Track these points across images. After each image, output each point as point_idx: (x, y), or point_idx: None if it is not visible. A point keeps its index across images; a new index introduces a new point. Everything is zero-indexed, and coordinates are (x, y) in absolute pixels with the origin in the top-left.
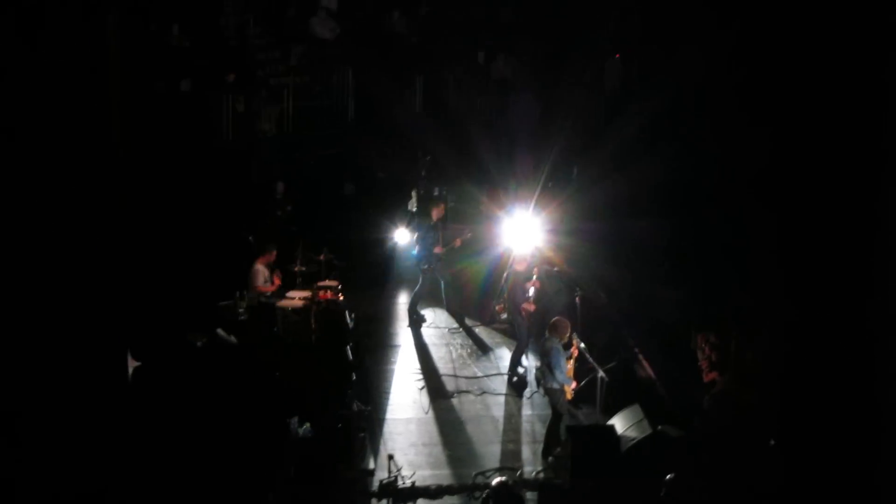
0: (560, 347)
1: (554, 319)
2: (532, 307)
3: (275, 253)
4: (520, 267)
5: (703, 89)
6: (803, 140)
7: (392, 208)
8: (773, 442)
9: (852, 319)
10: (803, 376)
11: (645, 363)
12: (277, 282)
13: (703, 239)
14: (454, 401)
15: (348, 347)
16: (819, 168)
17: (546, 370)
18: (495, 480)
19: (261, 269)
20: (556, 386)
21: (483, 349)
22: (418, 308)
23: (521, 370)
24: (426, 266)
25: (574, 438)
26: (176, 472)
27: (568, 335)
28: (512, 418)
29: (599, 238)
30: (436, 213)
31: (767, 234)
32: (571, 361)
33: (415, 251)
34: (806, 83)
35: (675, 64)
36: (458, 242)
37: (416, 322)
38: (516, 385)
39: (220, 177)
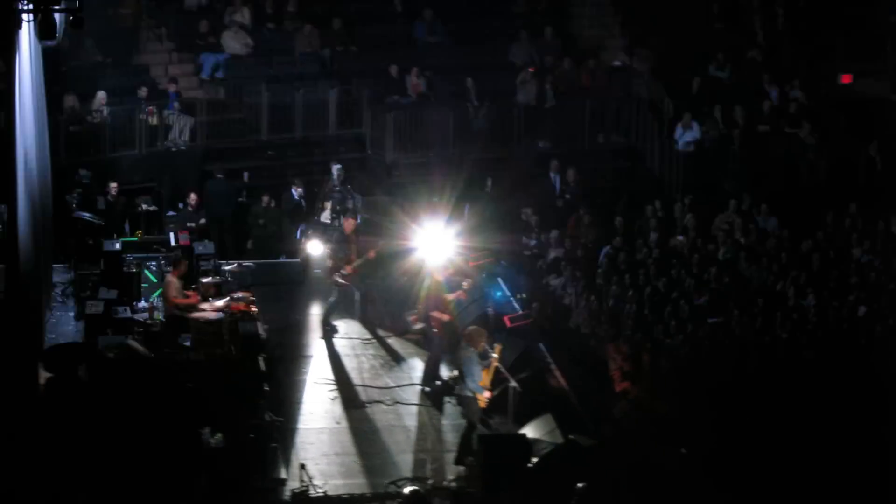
0: (474, 356)
1: (470, 329)
2: (446, 317)
3: (186, 264)
4: (441, 276)
5: (622, 99)
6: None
7: (305, 220)
8: (684, 451)
9: (770, 327)
10: (719, 387)
11: (557, 373)
12: (195, 297)
13: (620, 249)
14: (366, 411)
15: (261, 358)
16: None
17: (459, 378)
18: (408, 489)
19: (174, 282)
20: (468, 394)
21: (395, 359)
22: (331, 319)
23: (435, 380)
24: (341, 279)
25: (486, 448)
26: (88, 484)
27: (483, 344)
28: (424, 428)
29: (514, 249)
30: (348, 226)
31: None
32: (487, 371)
33: None
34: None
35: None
36: (371, 254)
37: (328, 333)
38: (429, 395)
39: (132, 189)
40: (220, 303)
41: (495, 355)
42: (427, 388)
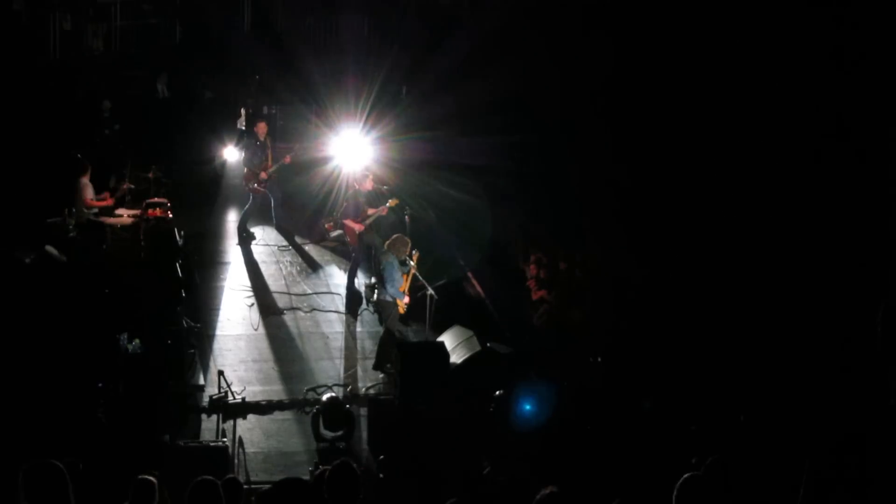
0: (395, 262)
1: (394, 237)
2: (358, 227)
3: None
4: (368, 186)
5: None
6: (646, 53)
7: (221, 127)
8: (599, 359)
9: (685, 236)
10: (632, 294)
11: (474, 281)
12: (111, 200)
13: (537, 157)
14: (284, 318)
15: (178, 264)
16: (661, 83)
17: (379, 283)
18: (326, 396)
19: (87, 183)
20: (388, 299)
21: (313, 267)
22: (248, 226)
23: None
24: (257, 185)
25: (404, 355)
26: (3, 389)
27: (407, 252)
28: (342, 335)
29: (430, 156)
30: (260, 130)
31: (604, 151)
32: (407, 277)
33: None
34: None
35: None
36: (287, 160)
37: (245, 240)
38: (347, 302)
39: (45, 94)
40: (136, 210)
41: (413, 263)
42: (348, 295)
